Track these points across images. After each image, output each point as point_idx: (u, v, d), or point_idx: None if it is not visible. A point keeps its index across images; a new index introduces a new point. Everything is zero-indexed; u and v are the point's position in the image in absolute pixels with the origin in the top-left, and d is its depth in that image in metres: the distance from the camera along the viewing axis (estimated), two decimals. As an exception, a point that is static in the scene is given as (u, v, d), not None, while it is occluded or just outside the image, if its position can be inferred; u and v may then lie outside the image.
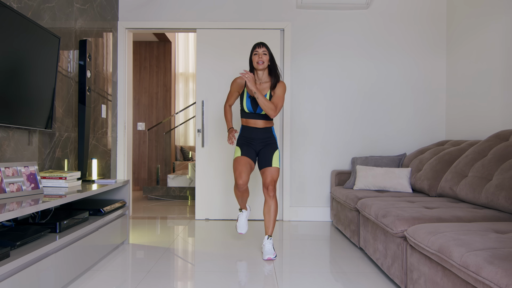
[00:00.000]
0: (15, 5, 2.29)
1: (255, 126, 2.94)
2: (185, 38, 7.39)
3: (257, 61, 2.88)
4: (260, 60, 2.87)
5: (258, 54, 2.89)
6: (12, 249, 1.69)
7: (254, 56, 2.91)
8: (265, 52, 2.88)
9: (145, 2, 4.05)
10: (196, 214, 4.06)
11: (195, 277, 2.36)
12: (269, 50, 2.92)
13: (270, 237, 2.82)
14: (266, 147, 2.95)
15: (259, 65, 2.88)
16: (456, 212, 2.15)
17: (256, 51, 2.90)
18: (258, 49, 2.89)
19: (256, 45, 2.93)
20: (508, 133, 2.61)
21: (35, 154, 2.56)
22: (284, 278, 2.31)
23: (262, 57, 2.87)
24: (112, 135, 3.98)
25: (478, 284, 1.31)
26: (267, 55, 2.89)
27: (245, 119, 2.97)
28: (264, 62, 2.88)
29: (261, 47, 2.90)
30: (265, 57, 2.88)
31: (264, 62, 2.88)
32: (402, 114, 4.05)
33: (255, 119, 2.94)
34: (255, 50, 2.91)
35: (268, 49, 2.91)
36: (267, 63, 2.90)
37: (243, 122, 2.99)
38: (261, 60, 2.87)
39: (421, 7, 4.04)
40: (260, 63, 2.87)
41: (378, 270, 2.45)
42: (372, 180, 3.33)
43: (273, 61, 2.93)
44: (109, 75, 3.86)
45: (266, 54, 2.88)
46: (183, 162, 6.58)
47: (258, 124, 2.94)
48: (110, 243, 2.69)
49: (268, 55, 2.90)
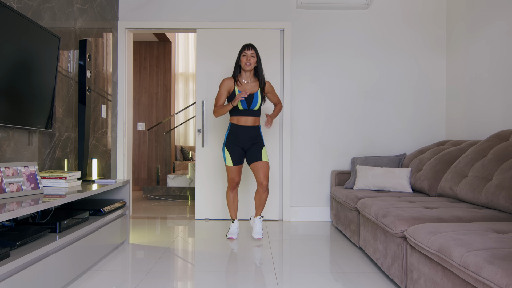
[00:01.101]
0: (15, 5, 2.29)
1: (245, 125, 3.15)
2: (185, 38, 7.39)
3: (245, 62, 3.11)
4: (248, 62, 3.11)
5: (246, 56, 3.12)
6: (12, 249, 1.69)
7: (243, 57, 3.14)
8: (253, 54, 3.12)
9: (145, 2, 4.06)
10: (196, 214, 4.06)
11: (195, 277, 2.36)
12: (257, 52, 3.16)
13: (262, 217, 3.25)
14: (254, 145, 3.17)
15: (247, 66, 3.12)
16: (456, 212, 2.15)
17: (245, 52, 3.13)
18: (247, 51, 3.12)
19: (245, 47, 3.14)
20: (508, 133, 2.61)
21: (35, 154, 2.56)
22: (284, 278, 2.31)
23: (250, 59, 3.11)
24: (112, 135, 3.98)
25: (478, 284, 1.31)
26: (255, 58, 3.14)
27: (237, 117, 3.16)
28: (251, 64, 3.13)
29: (250, 49, 3.12)
30: (253, 59, 3.12)
31: (251, 64, 3.12)
32: (402, 114, 4.05)
33: (246, 116, 3.14)
34: (244, 51, 3.13)
35: (256, 52, 3.15)
36: (253, 64, 3.14)
37: (234, 121, 3.17)
38: (249, 62, 3.11)
39: (421, 7, 4.04)
40: (248, 65, 3.11)
41: (378, 270, 2.45)
42: (372, 180, 3.33)
43: (259, 62, 3.17)
44: (109, 75, 3.86)
45: (254, 56, 3.13)
46: (183, 162, 6.58)
47: (248, 121, 3.15)
48: (110, 243, 2.69)
49: (255, 57, 3.14)
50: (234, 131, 3.15)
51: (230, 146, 3.14)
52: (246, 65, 3.09)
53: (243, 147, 3.16)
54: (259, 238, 3.20)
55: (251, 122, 3.15)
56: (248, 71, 3.15)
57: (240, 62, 3.14)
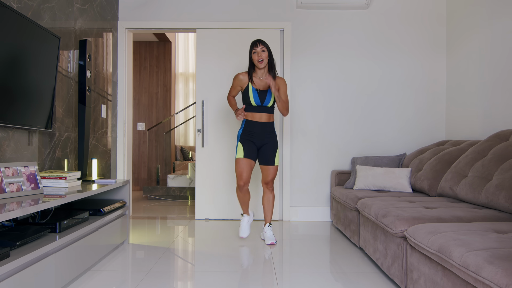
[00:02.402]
0: (15, 5, 2.29)
1: (260, 121, 3.03)
2: (185, 38, 7.39)
3: (257, 59, 2.94)
4: (260, 58, 2.94)
5: (257, 53, 2.95)
6: (12, 249, 1.69)
7: (254, 55, 2.97)
8: (263, 49, 2.94)
9: (145, 2, 4.06)
10: (196, 214, 4.06)
11: (195, 277, 2.36)
12: (267, 46, 2.98)
13: (270, 224, 3.13)
14: (268, 144, 3.05)
15: (260, 64, 2.95)
16: (456, 212, 2.15)
17: (254, 49, 2.96)
18: (256, 48, 2.95)
19: (254, 44, 2.97)
20: (508, 133, 2.61)
21: (35, 154, 2.56)
22: (284, 278, 2.30)
23: (261, 55, 2.94)
24: (112, 135, 3.98)
25: (478, 284, 1.31)
26: (266, 52, 2.95)
27: (251, 113, 3.04)
28: (264, 60, 2.95)
29: (258, 45, 2.95)
30: (264, 54, 2.94)
31: (263, 60, 2.95)
32: (402, 114, 4.05)
33: (260, 112, 3.02)
34: (253, 48, 2.96)
35: (266, 46, 2.97)
36: (266, 59, 2.96)
37: (248, 117, 3.05)
38: (261, 58, 2.94)
39: (421, 7, 4.04)
40: (260, 62, 2.95)
41: (378, 270, 2.45)
42: (372, 180, 3.33)
43: (271, 56, 3.01)
44: (109, 75, 3.86)
45: (264, 51, 2.95)
46: (183, 162, 6.58)
47: (263, 118, 3.03)
48: (110, 243, 2.69)
49: (266, 51, 2.96)
50: (248, 127, 3.03)
51: (244, 140, 3.02)
52: (259, 63, 2.93)
53: (257, 144, 3.03)
54: (273, 243, 3.02)
55: (266, 118, 3.02)
56: (262, 68, 2.98)
57: (252, 60, 2.98)
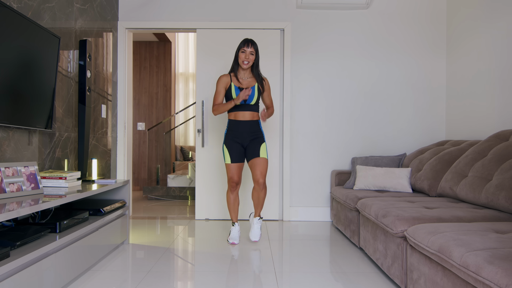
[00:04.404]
0: (15, 5, 2.29)
1: (243, 119, 3.01)
2: (185, 38, 7.39)
3: (243, 60, 2.93)
4: (246, 59, 2.93)
5: (245, 53, 2.93)
6: (12, 249, 1.69)
7: (241, 53, 2.94)
8: (252, 52, 2.93)
9: (145, 2, 4.06)
10: (196, 214, 4.06)
11: (195, 277, 2.36)
12: (257, 49, 2.96)
13: (260, 218, 3.09)
14: (253, 141, 3.04)
15: (244, 65, 2.94)
16: (456, 212, 2.15)
17: (244, 49, 2.93)
18: (246, 48, 2.93)
19: (245, 43, 2.93)
20: (508, 133, 2.61)
21: (35, 154, 2.56)
22: (284, 278, 2.31)
23: (248, 57, 2.93)
24: (112, 135, 3.98)
25: (478, 284, 1.31)
26: (254, 55, 2.94)
27: (234, 112, 3.02)
28: (250, 62, 2.94)
29: (249, 46, 2.93)
30: (252, 57, 2.94)
31: (249, 62, 2.94)
32: (402, 114, 4.05)
33: (244, 111, 3.00)
34: (243, 47, 2.93)
35: (255, 49, 2.95)
36: (251, 63, 2.96)
37: (231, 117, 3.04)
38: (247, 60, 2.93)
39: (421, 7, 4.04)
40: (245, 63, 2.94)
41: (378, 270, 2.45)
42: (372, 180, 3.33)
43: (257, 59, 3.00)
44: (109, 75, 3.86)
45: (253, 54, 2.94)
46: (183, 162, 6.58)
47: (246, 116, 3.00)
48: (110, 243, 2.69)
49: (255, 55, 2.95)
50: (233, 127, 3.02)
51: (229, 143, 3.02)
52: (243, 64, 2.93)
53: (243, 144, 3.03)
54: (256, 241, 3.09)
55: (249, 117, 3.00)
56: (245, 69, 3.01)
57: (238, 58, 2.97)
